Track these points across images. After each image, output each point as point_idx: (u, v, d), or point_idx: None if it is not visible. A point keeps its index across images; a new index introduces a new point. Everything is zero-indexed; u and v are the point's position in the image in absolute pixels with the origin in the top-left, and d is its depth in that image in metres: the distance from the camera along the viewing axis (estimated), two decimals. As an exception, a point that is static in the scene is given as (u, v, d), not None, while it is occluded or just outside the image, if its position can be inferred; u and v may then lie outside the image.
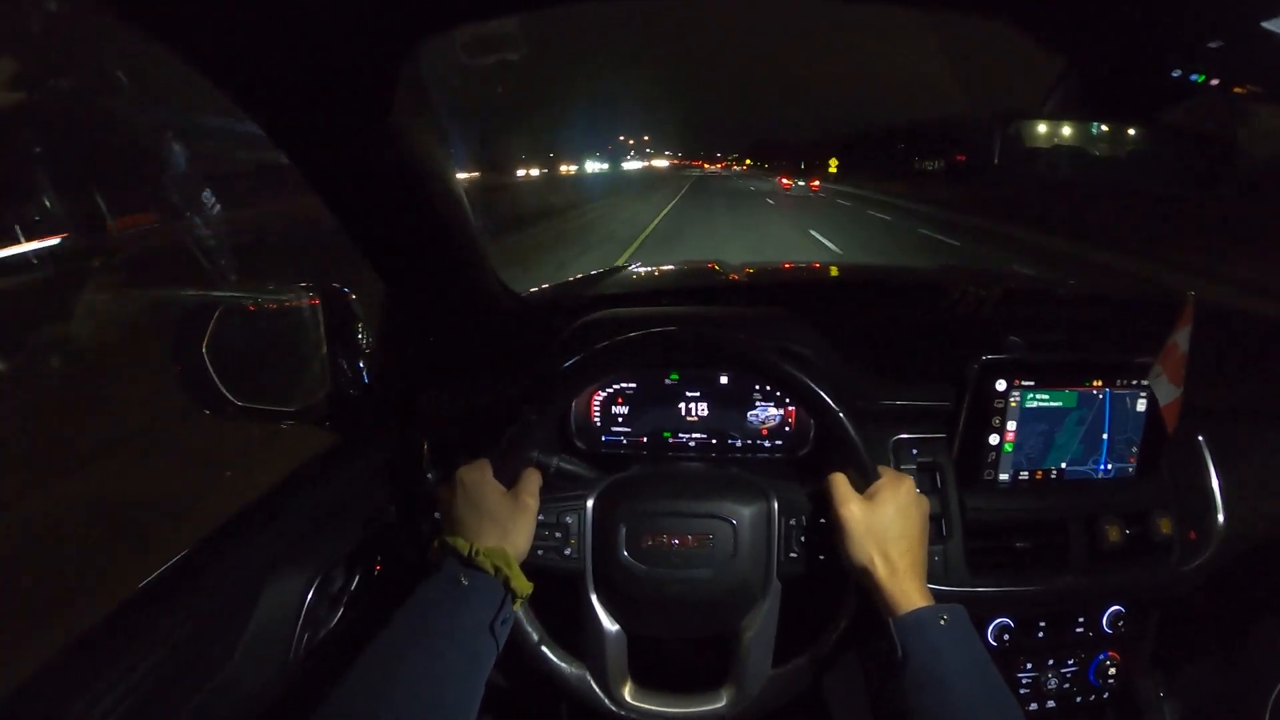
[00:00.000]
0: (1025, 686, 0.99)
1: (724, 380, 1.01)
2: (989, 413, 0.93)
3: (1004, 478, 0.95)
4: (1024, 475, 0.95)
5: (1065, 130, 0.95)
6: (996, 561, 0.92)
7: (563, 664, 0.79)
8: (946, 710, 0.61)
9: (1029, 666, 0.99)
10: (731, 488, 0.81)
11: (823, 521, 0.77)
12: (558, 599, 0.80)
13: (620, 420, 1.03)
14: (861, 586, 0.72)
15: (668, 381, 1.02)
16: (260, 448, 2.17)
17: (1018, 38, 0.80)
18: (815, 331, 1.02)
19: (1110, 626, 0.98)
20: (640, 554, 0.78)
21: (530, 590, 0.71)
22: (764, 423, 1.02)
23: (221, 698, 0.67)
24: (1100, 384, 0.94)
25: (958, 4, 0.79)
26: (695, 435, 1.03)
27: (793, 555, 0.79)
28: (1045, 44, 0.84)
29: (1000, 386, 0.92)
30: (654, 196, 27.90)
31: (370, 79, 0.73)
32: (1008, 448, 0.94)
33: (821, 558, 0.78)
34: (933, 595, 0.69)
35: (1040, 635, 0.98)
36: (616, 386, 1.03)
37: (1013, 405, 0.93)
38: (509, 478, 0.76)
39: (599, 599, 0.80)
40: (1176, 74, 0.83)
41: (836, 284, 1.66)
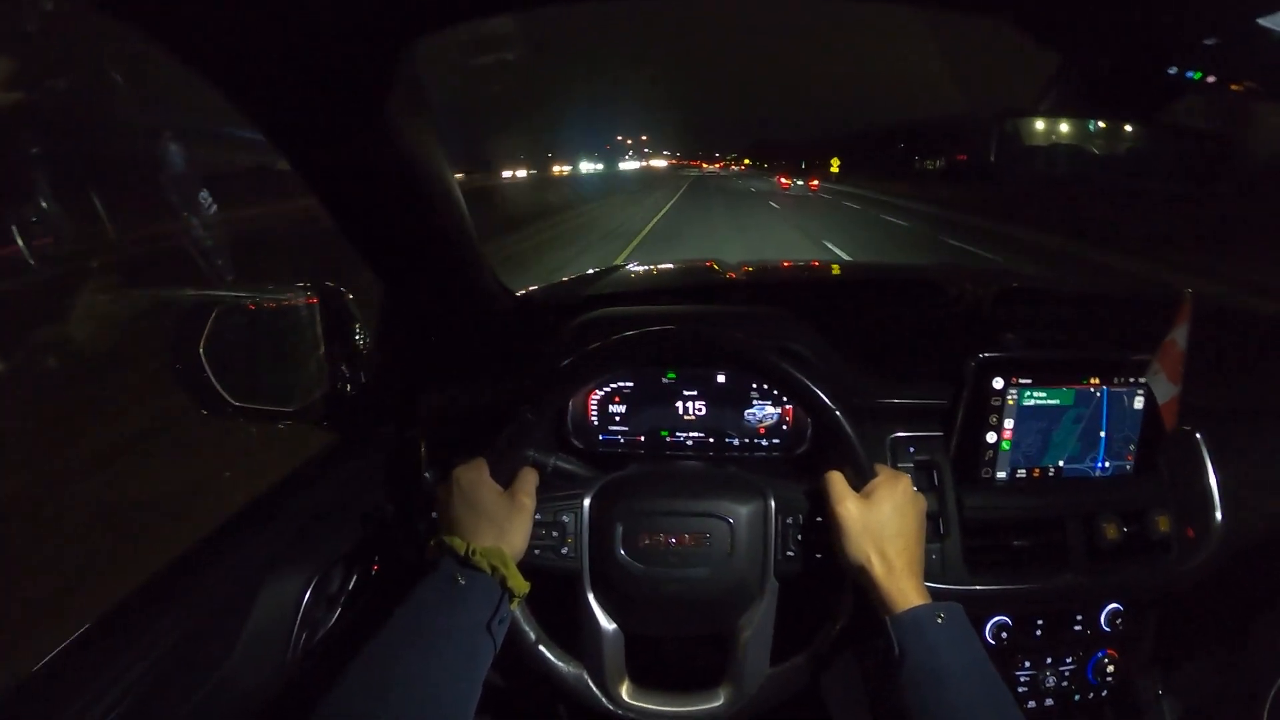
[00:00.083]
0: (1024, 684, 0.99)
1: (721, 379, 1.01)
2: (986, 411, 0.93)
3: (1001, 476, 0.95)
4: (1021, 473, 0.95)
5: (1062, 128, 0.94)
6: (994, 560, 0.92)
7: (560, 663, 0.79)
8: (944, 708, 0.61)
9: (1027, 665, 0.99)
10: (728, 486, 0.81)
11: (820, 520, 0.77)
12: (555, 598, 0.80)
13: (617, 419, 1.03)
14: (858, 585, 0.72)
15: (665, 380, 1.02)
16: (260, 448, 2.17)
17: (1015, 36, 0.80)
18: (813, 330, 1.02)
19: (1108, 624, 0.98)
20: (637, 553, 0.78)
21: (527, 589, 0.71)
22: (761, 421, 1.02)
23: (219, 697, 0.67)
24: (1098, 382, 0.94)
25: (955, 3, 0.78)
26: (692, 434, 1.03)
27: (790, 554, 0.79)
28: (1042, 42, 0.84)
29: (998, 384, 0.92)
30: (646, 201, 25.05)
31: (367, 78, 0.72)
32: (1005, 446, 0.94)
33: (818, 556, 0.78)
34: (930, 594, 0.69)
35: (1038, 633, 0.98)
36: (613, 385, 1.03)
37: (1010, 403, 0.93)
38: (505, 477, 0.76)
39: (596, 598, 0.80)
40: (1173, 71, 0.83)
41: (834, 282, 1.66)
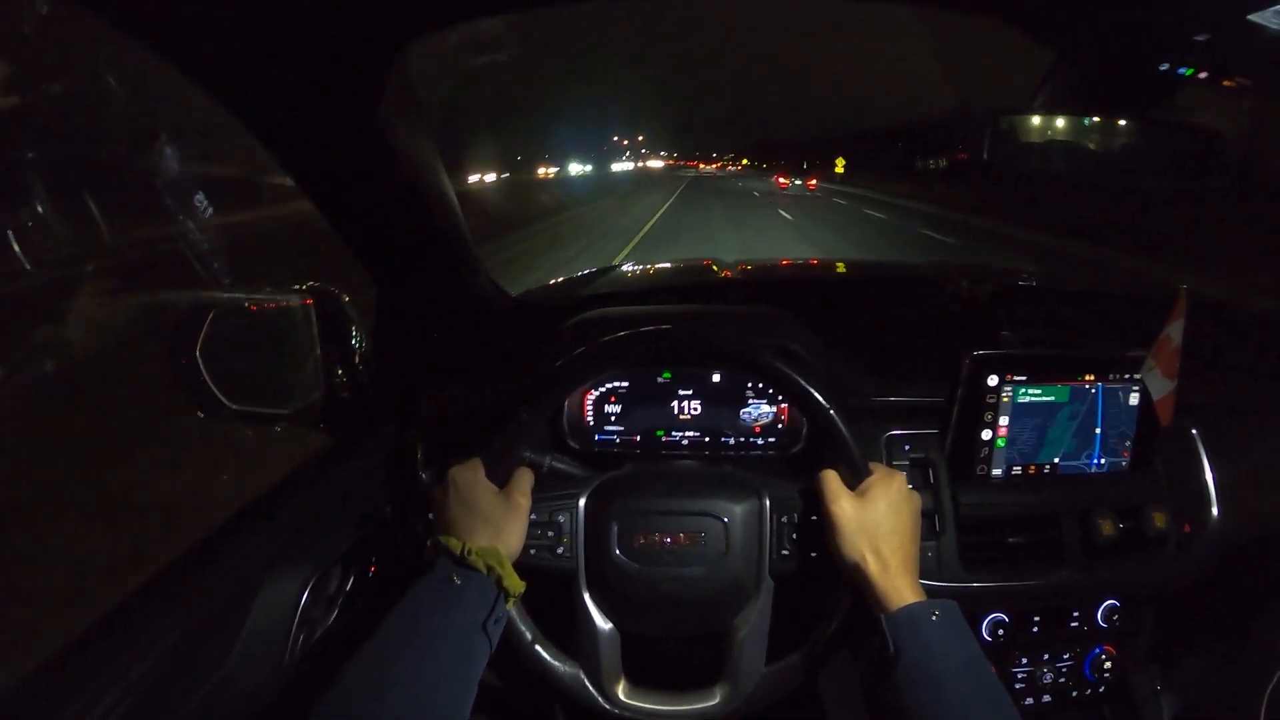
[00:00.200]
0: (1021, 681, 1.00)
1: (716, 378, 1.02)
2: (981, 408, 0.93)
3: (997, 473, 0.95)
4: (1017, 470, 0.95)
5: (1056, 124, 0.95)
6: (990, 557, 0.93)
7: (556, 663, 0.79)
8: (939, 705, 0.61)
9: (1024, 661, 1.00)
10: (723, 486, 0.81)
11: (814, 519, 0.77)
12: (551, 598, 0.80)
13: (613, 419, 1.03)
14: (853, 583, 0.72)
15: (660, 380, 1.02)
16: (255, 450, 2.17)
17: (1010, 34, 0.80)
18: (808, 328, 1.02)
19: (1105, 621, 0.98)
20: (632, 552, 0.78)
21: (523, 589, 0.72)
22: (757, 420, 1.02)
23: (218, 698, 0.67)
24: (1093, 378, 0.94)
25: (949, 2, 0.79)
26: (688, 433, 1.03)
27: (785, 553, 0.79)
28: (1035, 39, 0.84)
29: (992, 382, 0.93)
30: (634, 209, 20.73)
31: (360, 80, 0.73)
32: (1000, 443, 0.94)
33: (813, 555, 0.78)
34: (927, 591, 0.69)
35: (1035, 630, 0.98)
36: (609, 385, 1.03)
37: (1005, 400, 0.93)
38: (501, 477, 0.76)
39: (592, 598, 0.80)
40: (1165, 67, 0.83)
41: (830, 281, 1.66)
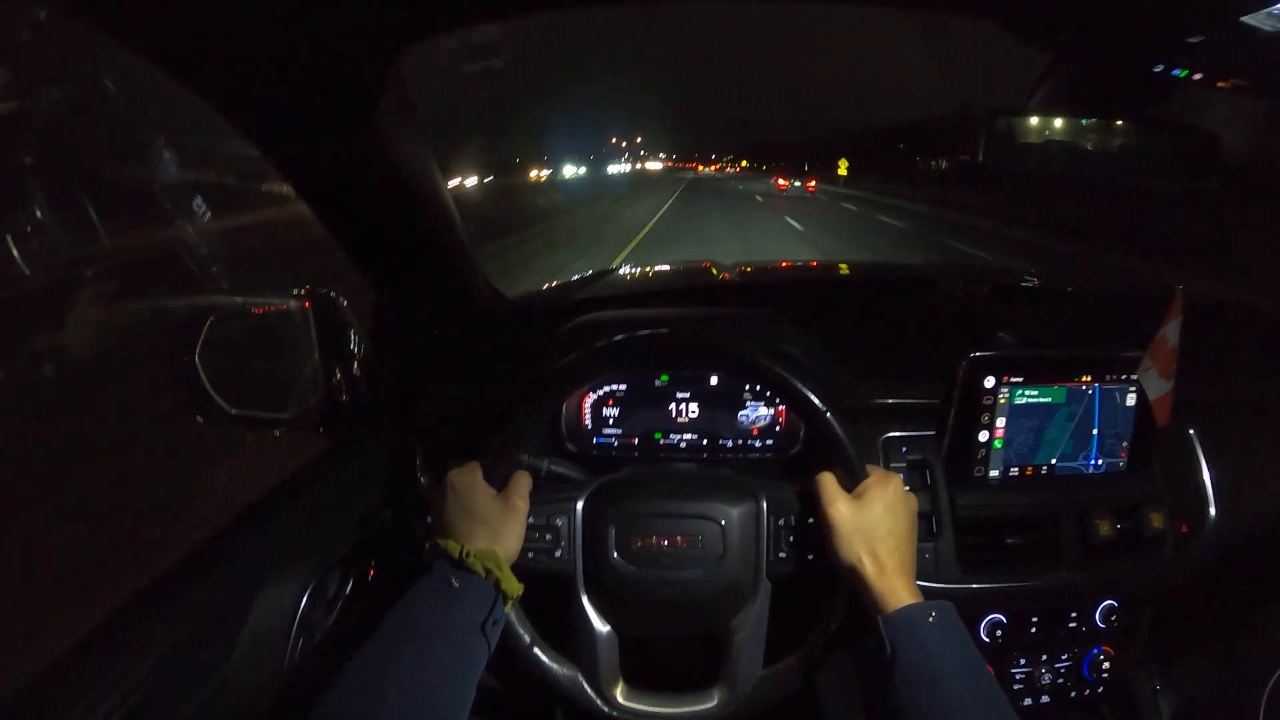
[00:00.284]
0: (1019, 682, 1.00)
1: (714, 381, 1.02)
2: (978, 409, 0.93)
3: (994, 474, 0.95)
4: (1014, 471, 0.95)
5: (1052, 124, 0.95)
6: (988, 558, 0.93)
7: (554, 665, 0.79)
8: (936, 706, 0.61)
9: (1022, 662, 0.99)
10: (720, 488, 0.82)
11: (811, 521, 0.77)
12: (549, 601, 0.80)
13: (611, 422, 1.03)
14: (851, 585, 0.72)
15: (658, 383, 1.02)
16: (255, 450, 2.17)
17: (1004, 36, 0.81)
18: (805, 331, 1.02)
19: (1103, 621, 0.98)
20: (630, 555, 0.78)
21: (520, 591, 0.72)
22: (754, 423, 1.02)
23: (218, 699, 0.68)
24: (1089, 379, 0.94)
25: (945, 3, 0.79)
26: (686, 436, 1.03)
27: (782, 555, 0.79)
28: (1029, 41, 0.85)
29: (989, 383, 0.93)
30: (627, 213, 19.77)
31: (358, 85, 0.73)
32: (997, 444, 0.94)
33: (810, 557, 0.78)
34: (925, 593, 0.69)
35: (1033, 631, 0.98)
36: (607, 388, 1.03)
37: (1002, 402, 0.93)
38: (499, 480, 0.76)
39: (590, 600, 0.80)
40: (1159, 69, 0.84)
41: (828, 283, 1.66)
